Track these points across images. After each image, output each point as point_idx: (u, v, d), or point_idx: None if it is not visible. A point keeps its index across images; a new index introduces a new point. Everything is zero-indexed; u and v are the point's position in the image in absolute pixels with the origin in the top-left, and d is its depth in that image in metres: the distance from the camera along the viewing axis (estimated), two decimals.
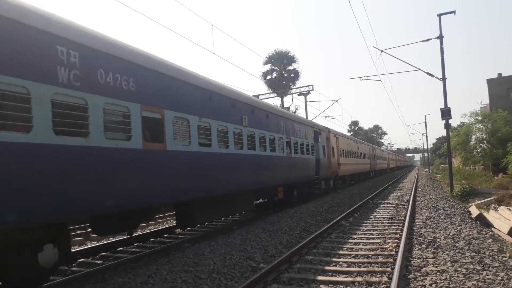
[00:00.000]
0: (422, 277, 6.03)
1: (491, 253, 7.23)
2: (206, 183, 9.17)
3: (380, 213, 13.68)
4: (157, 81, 7.61)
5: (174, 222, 11.25)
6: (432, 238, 8.75)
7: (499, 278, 5.77)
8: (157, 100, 7.54)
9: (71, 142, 5.60)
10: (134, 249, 9.33)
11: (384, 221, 11.70)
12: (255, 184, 12.00)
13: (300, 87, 38.72)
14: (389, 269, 6.42)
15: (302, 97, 37.18)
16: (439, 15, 21.42)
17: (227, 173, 10.24)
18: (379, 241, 8.86)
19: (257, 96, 34.69)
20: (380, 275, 6.22)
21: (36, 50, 5.23)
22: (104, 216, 6.74)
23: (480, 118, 34.24)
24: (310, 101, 39.43)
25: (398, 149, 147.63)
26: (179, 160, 8.10)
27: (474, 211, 12.15)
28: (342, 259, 7.30)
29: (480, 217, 11.28)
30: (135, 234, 10.62)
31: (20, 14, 5.07)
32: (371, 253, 7.75)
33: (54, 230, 5.88)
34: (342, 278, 6.19)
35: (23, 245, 5.44)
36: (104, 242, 9.83)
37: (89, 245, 10.21)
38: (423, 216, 12.26)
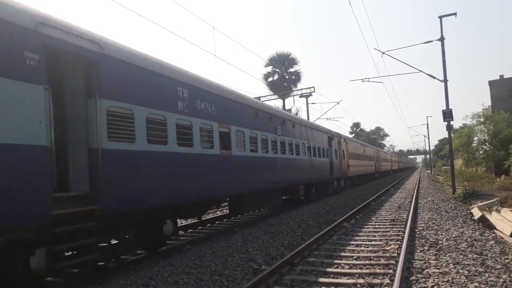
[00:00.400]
0: (424, 279, 6.02)
1: (493, 255, 7.21)
2: (252, 180, 11.81)
3: (382, 215, 13.66)
4: (226, 104, 10.44)
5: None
6: (434, 240, 8.73)
7: (502, 280, 5.75)
8: (227, 118, 10.36)
9: (185, 150, 8.29)
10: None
11: (386, 223, 11.67)
12: (284, 182, 14.52)
13: (301, 89, 38.74)
14: (391, 271, 6.41)
15: (304, 99, 37.18)
16: (440, 17, 21.42)
17: (266, 173, 12.85)
18: (381, 243, 8.84)
19: (259, 98, 34.71)
20: (382, 277, 6.21)
21: (168, 90, 7.96)
22: (190, 203, 9.09)
23: (482, 119, 34.12)
24: (312, 103, 39.47)
25: (400, 150, 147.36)
26: (238, 162, 10.85)
27: (477, 213, 12.11)
28: (344, 261, 7.29)
29: (483, 219, 11.24)
30: None
31: (161, 68, 7.84)
32: (373, 255, 7.74)
33: (171, 210, 8.29)
34: (344, 280, 6.18)
35: (155, 220, 7.93)
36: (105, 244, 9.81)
37: None
38: (425, 218, 12.24)
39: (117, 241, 7.08)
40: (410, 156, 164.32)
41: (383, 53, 22.70)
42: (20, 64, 4.97)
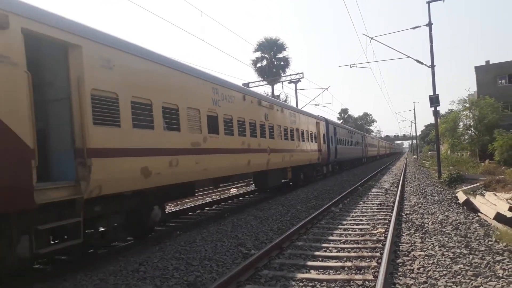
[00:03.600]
0: (410, 262, 6.14)
1: (477, 238, 7.37)
2: (350, 156, 34.40)
3: (369, 199, 13.83)
4: (348, 134, 34.32)
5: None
6: (420, 224, 8.89)
7: (485, 261, 5.90)
8: (353, 136, 36.80)
9: (346, 147, 32.80)
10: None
11: (373, 207, 11.83)
12: (354, 156, 37.51)
13: (290, 74, 38.62)
14: (378, 254, 6.52)
15: (292, 85, 37.12)
16: (428, 2, 21.44)
17: (349, 153, 33.91)
18: (368, 227, 8.97)
19: (247, 84, 34.51)
20: (369, 260, 6.31)
21: (354, 137, 38.07)
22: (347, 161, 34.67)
23: (467, 105, 34.56)
24: (300, 89, 39.58)
25: (387, 136, 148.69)
26: (348, 150, 32.68)
27: (462, 197, 12.34)
28: (332, 245, 7.39)
29: (467, 203, 11.46)
30: None
31: (351, 130, 38.29)
32: (361, 238, 7.85)
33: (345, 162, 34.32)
34: (332, 263, 6.27)
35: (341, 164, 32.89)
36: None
37: None
38: (411, 202, 12.43)
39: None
40: (397, 142, 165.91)
41: (372, 38, 22.68)
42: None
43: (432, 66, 21.52)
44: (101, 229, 7.24)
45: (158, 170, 7.77)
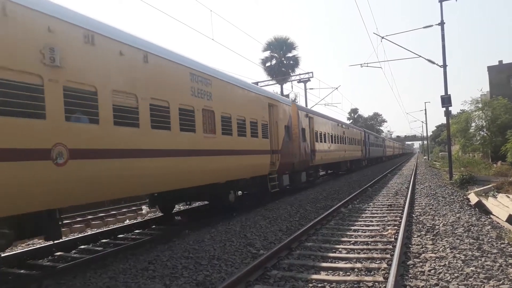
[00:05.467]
0: (421, 264, 6.07)
1: (489, 240, 7.26)
2: (375, 154, 47.15)
3: (379, 200, 13.72)
4: (375, 138, 49.48)
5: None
6: (431, 225, 8.79)
7: (498, 264, 5.81)
8: (378, 139, 53.22)
9: (376, 150, 48.78)
10: (134, 236, 9.37)
11: (384, 209, 11.73)
12: (378, 155, 50.79)
13: (299, 74, 38.54)
14: (388, 256, 6.45)
15: (302, 84, 37.03)
16: (441, 1, 21.17)
17: (376, 152, 46.79)
18: (378, 228, 8.90)
19: (257, 83, 34.51)
20: (379, 262, 6.25)
21: (378, 140, 54.23)
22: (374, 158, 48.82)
23: (480, 105, 34.05)
24: (310, 89, 39.41)
25: (398, 136, 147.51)
26: (375, 150, 45.76)
27: (473, 199, 12.19)
28: (341, 246, 7.34)
29: (479, 204, 11.31)
30: (135, 221, 10.84)
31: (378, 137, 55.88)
32: (371, 240, 7.79)
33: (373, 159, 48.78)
34: (341, 264, 6.22)
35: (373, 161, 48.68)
36: (105, 229, 9.92)
37: (89, 232, 10.27)
38: (422, 203, 12.31)
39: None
40: (407, 142, 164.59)
41: (383, 37, 22.50)
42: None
43: (444, 65, 21.26)
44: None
45: (324, 157, 21.01)
